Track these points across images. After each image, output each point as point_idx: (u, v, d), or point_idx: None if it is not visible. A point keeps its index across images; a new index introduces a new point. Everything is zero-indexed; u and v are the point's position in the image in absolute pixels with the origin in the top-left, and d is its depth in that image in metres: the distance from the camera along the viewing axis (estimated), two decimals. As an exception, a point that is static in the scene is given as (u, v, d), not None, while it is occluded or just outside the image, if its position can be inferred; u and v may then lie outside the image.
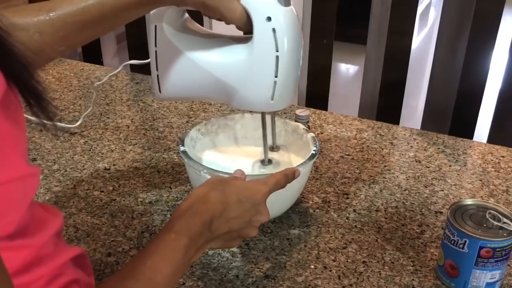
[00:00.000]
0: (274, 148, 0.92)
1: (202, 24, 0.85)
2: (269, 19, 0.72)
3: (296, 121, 0.99)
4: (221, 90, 0.79)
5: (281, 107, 0.81)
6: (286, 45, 0.74)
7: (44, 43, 0.68)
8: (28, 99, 0.47)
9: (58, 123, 1.16)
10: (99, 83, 1.18)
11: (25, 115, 0.49)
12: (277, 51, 0.74)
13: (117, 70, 1.18)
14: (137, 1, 0.69)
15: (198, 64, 0.77)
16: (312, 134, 0.91)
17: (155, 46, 0.78)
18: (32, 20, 0.67)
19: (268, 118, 0.87)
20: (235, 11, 0.72)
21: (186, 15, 0.81)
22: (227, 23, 0.74)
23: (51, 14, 0.67)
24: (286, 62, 0.75)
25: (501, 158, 1.08)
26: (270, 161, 0.90)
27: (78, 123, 1.16)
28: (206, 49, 0.78)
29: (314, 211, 0.91)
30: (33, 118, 0.50)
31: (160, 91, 0.81)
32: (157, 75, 0.80)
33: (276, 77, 0.75)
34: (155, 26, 0.77)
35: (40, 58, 0.71)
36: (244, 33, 0.77)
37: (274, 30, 0.73)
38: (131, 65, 1.19)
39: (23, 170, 0.47)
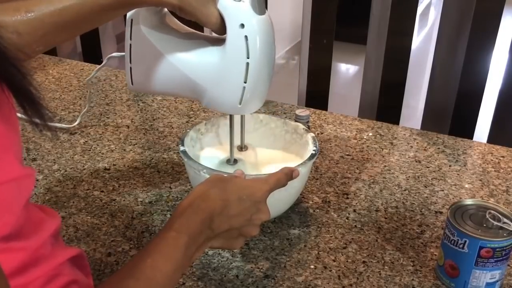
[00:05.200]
0: (242, 148, 0.93)
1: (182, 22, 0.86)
2: (242, 26, 0.73)
3: (296, 121, 0.99)
4: (192, 89, 0.80)
5: (248, 112, 0.83)
6: (257, 53, 0.75)
7: (22, 43, 0.67)
8: (22, 102, 0.47)
9: (57, 124, 1.16)
10: (89, 78, 1.17)
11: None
12: (248, 57, 0.74)
13: (103, 63, 1.16)
14: (115, 2, 0.69)
15: (171, 62, 0.78)
16: (312, 134, 0.91)
17: (130, 39, 0.79)
18: (10, 20, 0.66)
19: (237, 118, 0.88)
20: (211, 16, 0.73)
21: (165, 10, 0.81)
22: (203, 26, 0.74)
23: (29, 15, 0.67)
24: (256, 69, 0.75)
25: (501, 158, 1.08)
26: (236, 161, 0.91)
27: (76, 123, 1.16)
28: (180, 48, 0.79)
29: (314, 211, 0.91)
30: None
31: (132, 83, 0.82)
32: (130, 68, 0.81)
33: (245, 82, 0.76)
34: (131, 20, 0.78)
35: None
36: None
37: (246, 37, 0.74)
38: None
39: (17, 171, 0.47)
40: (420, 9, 3.83)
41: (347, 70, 3.69)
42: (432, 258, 0.81)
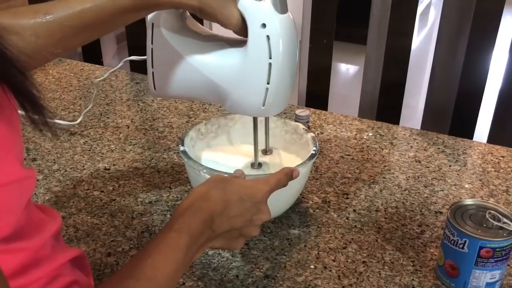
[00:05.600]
0: (267, 151, 0.92)
1: (202, 23, 0.85)
2: (263, 25, 0.72)
3: (296, 121, 0.99)
4: (215, 92, 0.79)
5: (272, 114, 0.81)
6: (280, 53, 0.73)
7: (40, 45, 0.67)
8: (23, 103, 0.47)
9: (59, 121, 1.16)
10: (99, 79, 1.18)
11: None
12: (270, 58, 0.73)
13: (118, 66, 1.18)
14: (134, 5, 0.69)
15: (193, 65, 0.77)
16: (312, 134, 0.91)
17: (152, 44, 0.78)
18: (29, 23, 0.67)
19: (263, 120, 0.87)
20: (231, 17, 0.72)
21: (186, 13, 0.81)
22: (224, 27, 0.74)
23: (48, 17, 0.67)
24: (279, 70, 0.74)
25: (501, 158, 1.08)
26: (260, 165, 0.90)
27: (78, 121, 1.16)
28: (201, 51, 0.78)
29: (314, 211, 0.91)
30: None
31: (154, 88, 0.82)
32: (152, 73, 0.80)
33: (268, 83, 0.75)
34: (152, 24, 0.77)
35: (36, 60, 0.71)
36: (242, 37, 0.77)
37: (268, 37, 0.72)
38: (131, 65, 1.19)
39: (18, 173, 0.47)
40: (420, 9, 3.84)
41: (347, 70, 3.69)
42: (432, 258, 0.81)
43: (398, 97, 1.50)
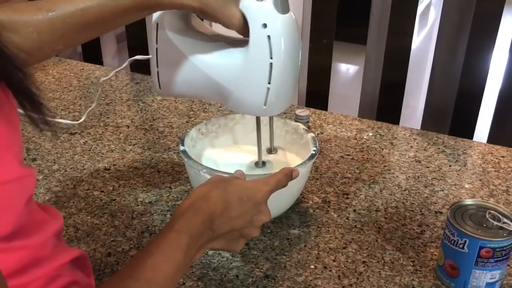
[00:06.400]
0: (272, 150, 0.92)
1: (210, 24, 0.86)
2: (264, 26, 0.72)
3: (296, 121, 0.99)
4: (217, 91, 0.79)
5: (274, 113, 0.82)
6: (281, 53, 0.74)
7: (42, 42, 0.68)
8: (22, 101, 0.46)
9: (62, 120, 1.17)
10: (105, 78, 1.18)
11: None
12: (271, 58, 0.74)
13: (123, 66, 1.18)
14: (135, 5, 0.69)
15: (196, 65, 0.78)
16: (312, 134, 0.91)
17: (156, 43, 0.79)
18: (31, 19, 0.67)
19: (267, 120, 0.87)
20: (233, 18, 0.72)
21: (191, 13, 0.81)
22: (225, 27, 0.74)
23: (50, 14, 0.67)
24: (280, 69, 0.75)
25: (501, 158, 1.08)
26: (264, 163, 0.90)
27: (82, 119, 1.16)
28: (204, 51, 0.78)
29: (314, 211, 0.91)
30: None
31: (160, 87, 0.82)
32: (157, 72, 0.81)
33: (269, 83, 0.75)
34: (157, 24, 0.78)
35: (37, 56, 0.71)
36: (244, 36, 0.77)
37: (269, 37, 0.73)
38: (131, 65, 1.19)
39: (17, 171, 0.46)
40: (420, 9, 3.83)
41: (347, 70, 3.69)
42: (432, 258, 0.81)
43: (398, 97, 1.49)
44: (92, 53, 1.87)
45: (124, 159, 1.05)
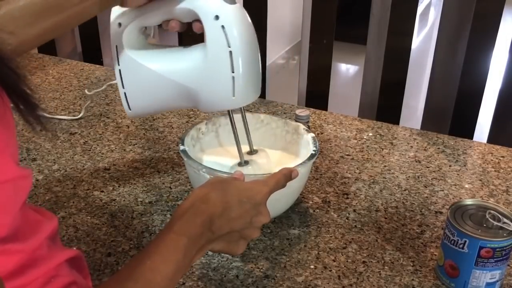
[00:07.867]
0: (252, 151, 0.91)
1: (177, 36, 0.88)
2: (217, 17, 0.74)
3: (296, 121, 0.99)
4: (187, 96, 0.80)
5: (245, 103, 0.82)
6: (237, 40, 0.75)
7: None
8: (16, 102, 0.46)
9: (61, 117, 1.17)
10: (96, 91, 1.18)
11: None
12: (229, 46, 0.75)
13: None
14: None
15: (161, 75, 0.79)
16: (312, 134, 0.91)
17: (118, 65, 0.81)
18: None
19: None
20: None
21: (147, 31, 0.83)
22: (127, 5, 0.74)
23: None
24: (241, 56, 0.76)
25: (501, 158, 1.08)
26: (246, 162, 0.89)
27: (80, 115, 1.17)
28: (166, 59, 0.81)
29: (314, 211, 0.91)
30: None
31: (130, 108, 0.83)
32: (124, 93, 0.82)
33: (233, 72, 0.76)
34: (116, 46, 0.80)
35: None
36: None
37: (223, 26, 0.74)
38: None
39: (13, 172, 0.46)
40: (420, 9, 3.84)
41: (347, 70, 3.69)
42: (432, 258, 0.81)
43: (398, 97, 1.49)
44: (92, 53, 1.86)
45: (124, 159, 1.05)
